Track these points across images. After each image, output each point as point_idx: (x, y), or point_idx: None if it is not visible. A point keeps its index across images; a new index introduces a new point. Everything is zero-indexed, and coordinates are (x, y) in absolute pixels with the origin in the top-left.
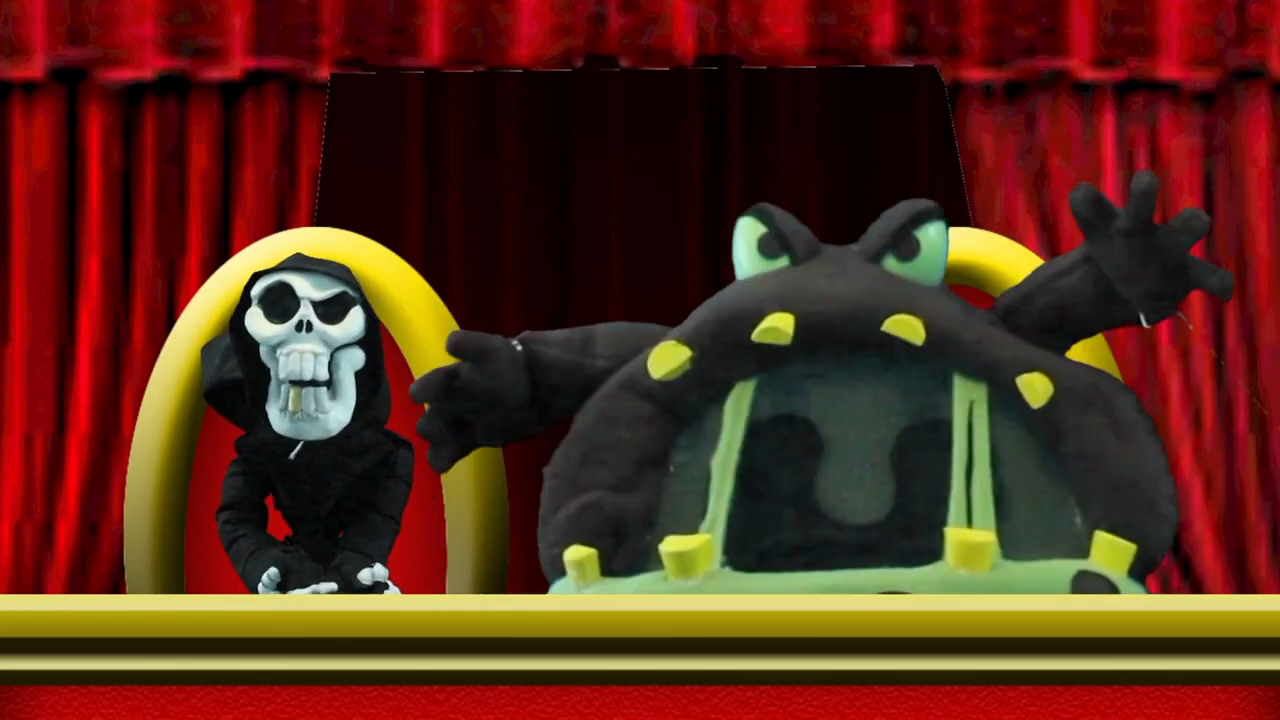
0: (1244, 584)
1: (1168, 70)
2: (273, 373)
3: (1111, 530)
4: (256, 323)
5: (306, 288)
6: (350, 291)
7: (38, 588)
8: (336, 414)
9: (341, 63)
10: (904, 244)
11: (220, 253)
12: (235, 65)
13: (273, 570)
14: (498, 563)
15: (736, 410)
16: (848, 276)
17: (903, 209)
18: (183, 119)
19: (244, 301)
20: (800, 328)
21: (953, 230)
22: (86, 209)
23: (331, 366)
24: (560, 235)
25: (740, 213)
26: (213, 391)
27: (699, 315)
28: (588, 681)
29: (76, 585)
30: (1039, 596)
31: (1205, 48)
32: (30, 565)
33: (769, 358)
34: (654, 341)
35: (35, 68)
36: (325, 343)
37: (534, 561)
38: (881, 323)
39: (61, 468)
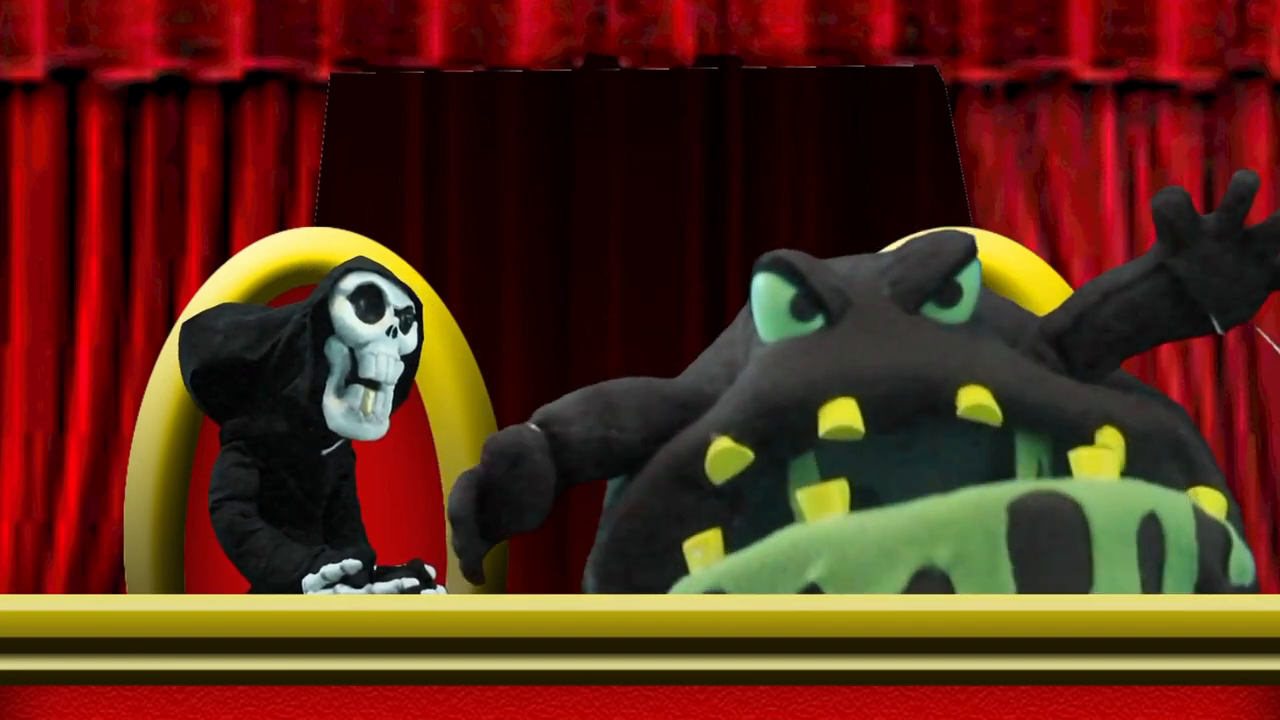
0: None
1: (1168, 70)
2: (338, 369)
3: None
4: (349, 318)
5: (391, 294)
6: (414, 306)
7: (38, 588)
8: (388, 419)
9: (341, 63)
10: (946, 291)
11: (220, 253)
12: (235, 65)
13: (352, 562)
14: (498, 563)
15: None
16: (896, 341)
17: (944, 252)
18: (183, 119)
19: (331, 291)
20: (867, 416)
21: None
22: (86, 209)
23: None
24: (560, 235)
25: (740, 214)
26: (211, 367)
27: (748, 403)
28: (588, 681)
29: (76, 585)
30: (1039, 597)
31: (1205, 48)
32: (30, 565)
33: (832, 442)
34: (682, 408)
35: (35, 68)
36: (400, 350)
37: (534, 562)
38: (950, 397)
39: (61, 468)
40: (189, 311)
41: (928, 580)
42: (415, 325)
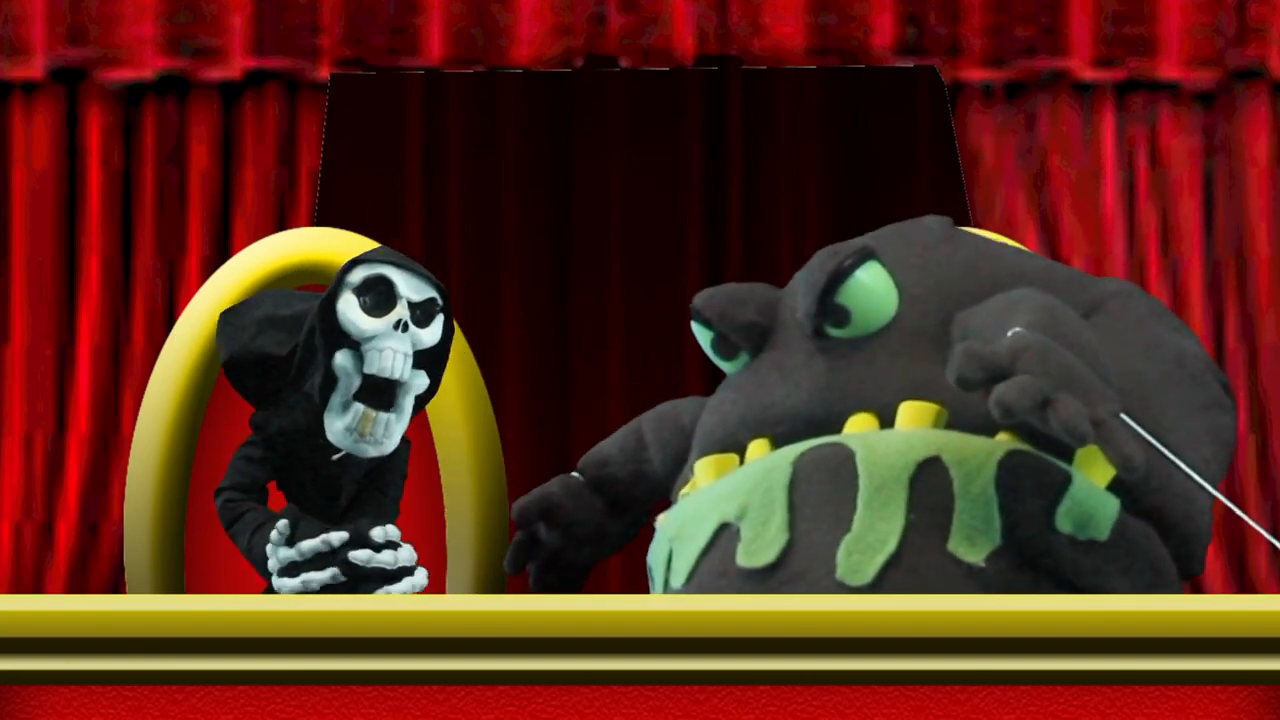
0: (1244, 584)
1: (1168, 70)
2: (343, 383)
3: None
4: (352, 312)
5: (405, 286)
6: (439, 298)
7: (38, 588)
8: (396, 436)
9: (341, 63)
10: (831, 315)
11: (220, 253)
12: (235, 65)
13: (282, 522)
14: (498, 563)
15: None
16: (799, 373)
17: (817, 272)
18: (183, 119)
19: (337, 288)
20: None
21: None
22: (86, 209)
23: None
24: (560, 235)
25: (740, 214)
26: (240, 360)
27: (695, 443)
28: (588, 681)
29: (76, 585)
30: (1039, 597)
31: (1205, 48)
32: (30, 565)
33: None
34: (690, 435)
35: (35, 68)
36: (414, 346)
37: None
38: (839, 427)
39: (61, 468)
40: (188, 311)
41: (725, 534)
42: (440, 318)
